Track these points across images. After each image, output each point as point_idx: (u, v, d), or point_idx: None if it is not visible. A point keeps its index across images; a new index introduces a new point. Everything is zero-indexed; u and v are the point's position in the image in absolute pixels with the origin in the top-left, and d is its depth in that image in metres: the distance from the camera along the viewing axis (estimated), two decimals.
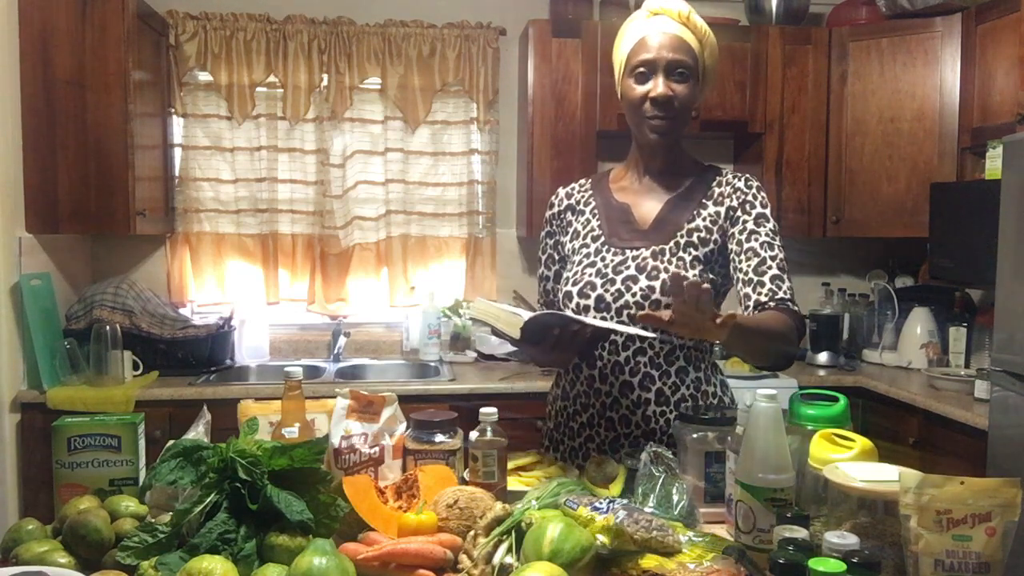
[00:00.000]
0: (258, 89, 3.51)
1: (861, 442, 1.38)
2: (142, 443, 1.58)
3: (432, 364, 3.50)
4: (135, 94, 3.02)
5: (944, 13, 3.30)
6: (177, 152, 3.53)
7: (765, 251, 1.66)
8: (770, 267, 1.65)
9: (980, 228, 2.78)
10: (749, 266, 1.66)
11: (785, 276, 1.66)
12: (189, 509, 1.26)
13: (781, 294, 1.62)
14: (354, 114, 3.59)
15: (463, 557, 1.26)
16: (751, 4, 3.60)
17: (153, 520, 1.30)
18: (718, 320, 1.29)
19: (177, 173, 3.53)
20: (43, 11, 2.93)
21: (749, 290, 1.65)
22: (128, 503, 1.40)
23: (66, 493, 1.48)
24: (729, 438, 1.50)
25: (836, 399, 1.51)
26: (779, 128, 3.52)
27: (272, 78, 3.51)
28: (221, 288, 3.59)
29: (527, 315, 1.50)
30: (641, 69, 1.69)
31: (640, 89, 1.69)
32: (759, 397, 1.42)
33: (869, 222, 3.49)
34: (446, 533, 1.31)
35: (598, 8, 3.61)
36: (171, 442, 1.39)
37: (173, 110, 3.48)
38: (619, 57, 1.75)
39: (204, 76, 3.51)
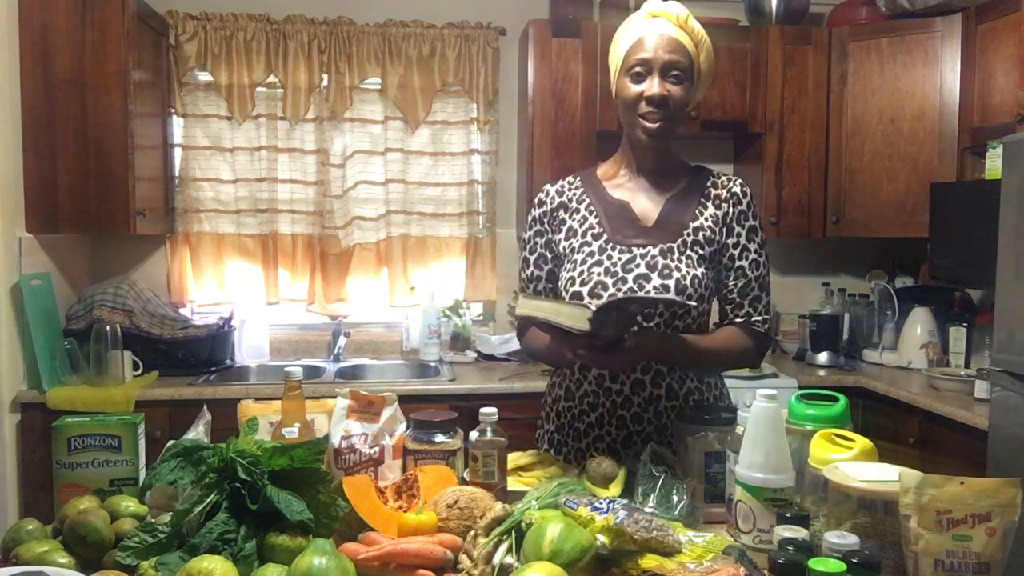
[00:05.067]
0: (258, 89, 3.51)
1: (861, 442, 1.38)
2: (142, 443, 1.58)
3: (432, 364, 3.49)
4: (135, 94, 3.02)
5: (944, 13, 3.29)
6: (177, 152, 3.53)
7: (752, 271, 1.76)
8: (752, 288, 1.76)
9: (980, 228, 2.78)
10: (736, 286, 1.76)
11: (764, 294, 1.77)
12: (189, 509, 1.26)
13: (756, 316, 1.76)
14: (354, 114, 3.59)
15: (463, 557, 1.26)
16: (751, 4, 3.59)
17: (153, 520, 1.30)
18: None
19: (177, 173, 3.53)
20: (43, 11, 2.93)
21: (728, 308, 1.77)
22: (128, 503, 1.40)
23: (66, 493, 1.48)
24: (729, 438, 1.50)
25: (836, 399, 1.51)
26: (779, 128, 3.52)
27: (272, 78, 3.51)
28: (221, 288, 3.59)
29: (592, 305, 1.47)
30: (638, 69, 1.69)
31: (636, 88, 1.69)
32: (759, 397, 1.42)
33: (869, 222, 3.49)
34: (446, 533, 1.31)
35: (598, 8, 3.61)
36: (171, 442, 1.39)
37: (173, 110, 3.48)
38: (616, 57, 1.75)
39: (204, 76, 3.51)
